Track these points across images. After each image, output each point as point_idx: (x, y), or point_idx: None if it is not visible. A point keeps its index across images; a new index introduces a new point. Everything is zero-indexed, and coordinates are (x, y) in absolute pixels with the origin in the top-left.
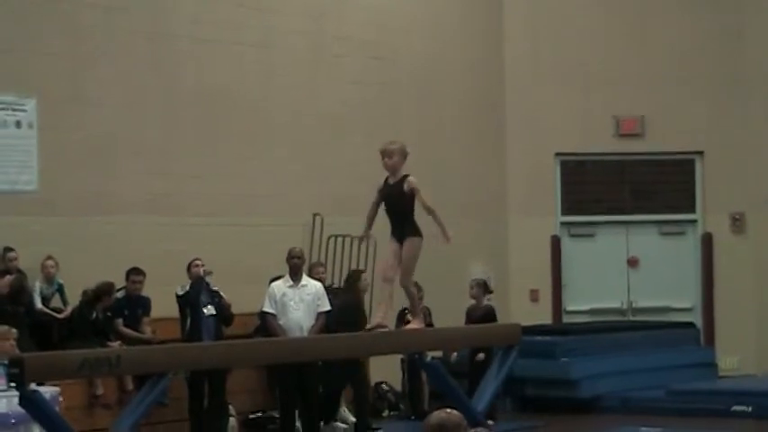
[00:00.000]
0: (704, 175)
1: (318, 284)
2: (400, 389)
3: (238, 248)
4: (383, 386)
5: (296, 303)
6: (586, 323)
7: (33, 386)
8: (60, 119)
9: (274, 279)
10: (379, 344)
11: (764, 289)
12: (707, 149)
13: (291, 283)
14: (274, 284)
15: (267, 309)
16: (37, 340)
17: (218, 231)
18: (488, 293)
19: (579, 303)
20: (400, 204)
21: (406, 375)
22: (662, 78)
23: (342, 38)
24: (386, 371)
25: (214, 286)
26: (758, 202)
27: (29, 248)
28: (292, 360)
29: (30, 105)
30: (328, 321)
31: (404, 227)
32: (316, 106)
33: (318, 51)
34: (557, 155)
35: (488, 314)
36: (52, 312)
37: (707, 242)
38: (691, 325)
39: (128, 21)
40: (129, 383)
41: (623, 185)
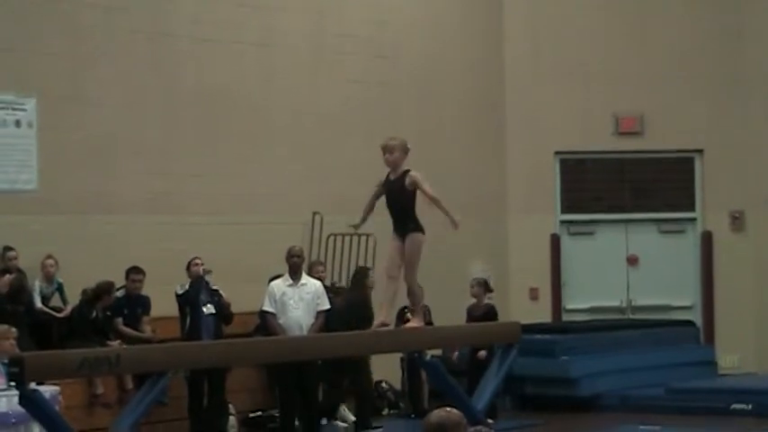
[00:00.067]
0: (704, 174)
1: (318, 283)
2: (400, 387)
3: (238, 247)
4: (383, 385)
5: (295, 302)
6: (586, 321)
7: (33, 385)
8: (60, 118)
9: (274, 278)
10: (378, 342)
11: (764, 287)
12: (706, 148)
13: (291, 282)
14: (274, 283)
15: (267, 308)
16: (37, 339)
17: (217, 230)
18: (489, 292)
19: (579, 302)
20: (402, 200)
21: (406, 374)
22: (662, 77)
23: (342, 37)
24: (386, 369)
25: (214, 285)
26: (758, 201)
27: (29, 248)
28: (292, 359)
29: (30, 105)
30: (334, 318)
31: (406, 223)
32: (316, 105)
33: (319, 51)
34: (556, 153)
35: (489, 313)
36: (52, 311)
37: (706, 240)
38: (690, 323)
39: (128, 20)
40: (129, 382)
41: (623, 184)
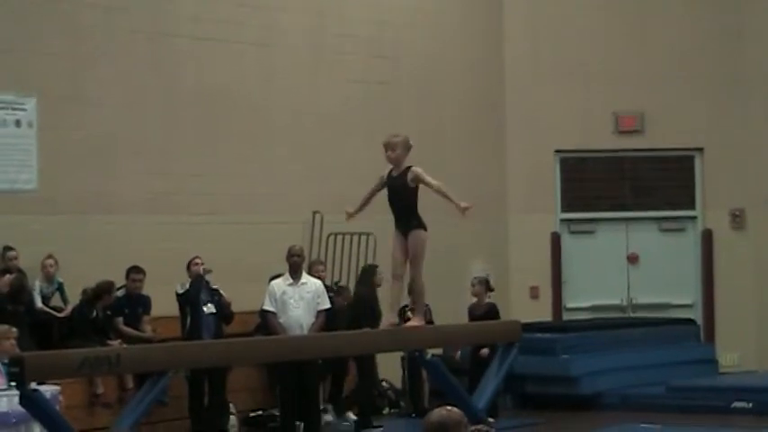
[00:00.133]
0: (704, 172)
1: (318, 282)
2: (400, 386)
3: (238, 247)
4: (383, 383)
5: (296, 301)
6: (586, 320)
7: (34, 385)
8: (60, 118)
9: (274, 277)
10: (379, 341)
11: (764, 285)
12: (707, 146)
13: (291, 282)
14: (274, 283)
15: (267, 307)
16: (37, 339)
17: (218, 230)
18: (490, 291)
19: (579, 300)
20: (404, 197)
21: (407, 373)
22: (662, 76)
23: (342, 37)
24: (386, 368)
25: (214, 285)
26: (758, 199)
27: (29, 247)
28: (292, 358)
29: (30, 105)
30: (342, 315)
31: (409, 220)
32: (316, 105)
33: (319, 50)
34: (557, 152)
35: (491, 312)
36: (52, 311)
37: (707, 238)
38: (691, 321)
39: (128, 20)
40: (130, 382)
41: (623, 182)
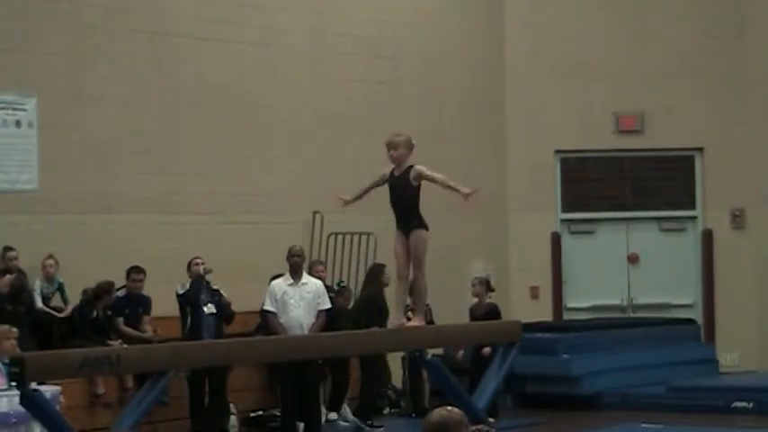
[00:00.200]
0: (704, 172)
1: (319, 282)
2: (401, 386)
3: (239, 247)
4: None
5: (296, 301)
6: (587, 320)
7: (34, 385)
8: (60, 118)
9: (275, 277)
10: (379, 341)
11: (765, 285)
12: (707, 146)
13: (292, 282)
14: (275, 283)
15: (267, 307)
16: (37, 339)
17: (218, 230)
18: (491, 292)
19: (580, 300)
20: (406, 196)
21: (407, 373)
22: (662, 76)
23: (342, 37)
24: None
25: (214, 285)
26: (758, 198)
27: (29, 247)
28: (293, 358)
29: (30, 104)
30: (348, 314)
31: (410, 219)
32: (316, 104)
33: (319, 50)
34: (557, 152)
35: (492, 312)
36: (53, 311)
37: (707, 238)
38: (691, 321)
39: (128, 20)
40: (130, 382)
41: (623, 182)
